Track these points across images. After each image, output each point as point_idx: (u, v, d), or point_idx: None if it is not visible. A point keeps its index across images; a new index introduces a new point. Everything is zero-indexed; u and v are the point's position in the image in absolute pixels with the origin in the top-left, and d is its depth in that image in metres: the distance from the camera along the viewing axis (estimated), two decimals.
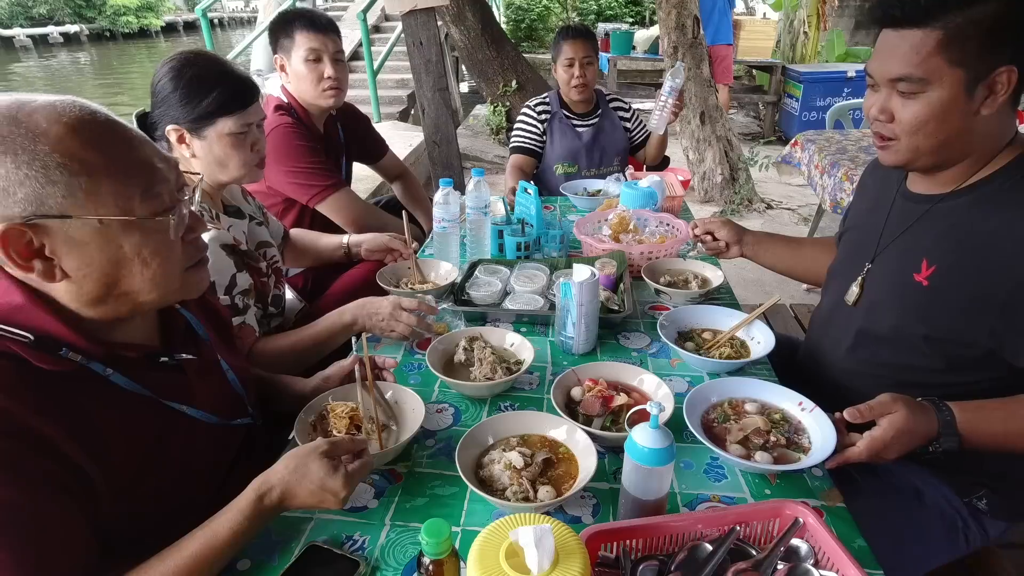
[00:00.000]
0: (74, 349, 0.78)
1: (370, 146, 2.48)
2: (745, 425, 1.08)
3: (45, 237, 0.73)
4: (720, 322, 1.45)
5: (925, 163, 1.08)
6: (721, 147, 4.76)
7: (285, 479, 0.86)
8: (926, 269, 1.08)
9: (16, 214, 0.71)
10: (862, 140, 3.22)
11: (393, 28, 8.13)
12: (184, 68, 1.33)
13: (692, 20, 4.49)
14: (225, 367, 1.05)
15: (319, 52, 2.03)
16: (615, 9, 12.19)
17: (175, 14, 27.74)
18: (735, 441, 1.05)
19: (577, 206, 2.37)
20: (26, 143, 0.70)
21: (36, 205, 0.71)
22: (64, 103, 0.75)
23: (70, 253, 0.75)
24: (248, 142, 1.41)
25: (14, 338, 0.74)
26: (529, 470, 0.98)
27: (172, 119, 1.34)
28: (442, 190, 1.74)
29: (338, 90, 2.09)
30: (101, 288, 0.79)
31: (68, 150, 0.72)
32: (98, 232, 0.75)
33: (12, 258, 0.73)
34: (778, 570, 0.78)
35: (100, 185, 0.74)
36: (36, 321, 0.76)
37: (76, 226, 0.74)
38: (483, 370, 1.24)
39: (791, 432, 1.09)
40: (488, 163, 5.97)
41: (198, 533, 0.81)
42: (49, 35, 22.56)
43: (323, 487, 0.86)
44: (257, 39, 7.37)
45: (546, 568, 0.65)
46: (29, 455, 0.71)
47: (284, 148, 1.99)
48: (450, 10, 5.98)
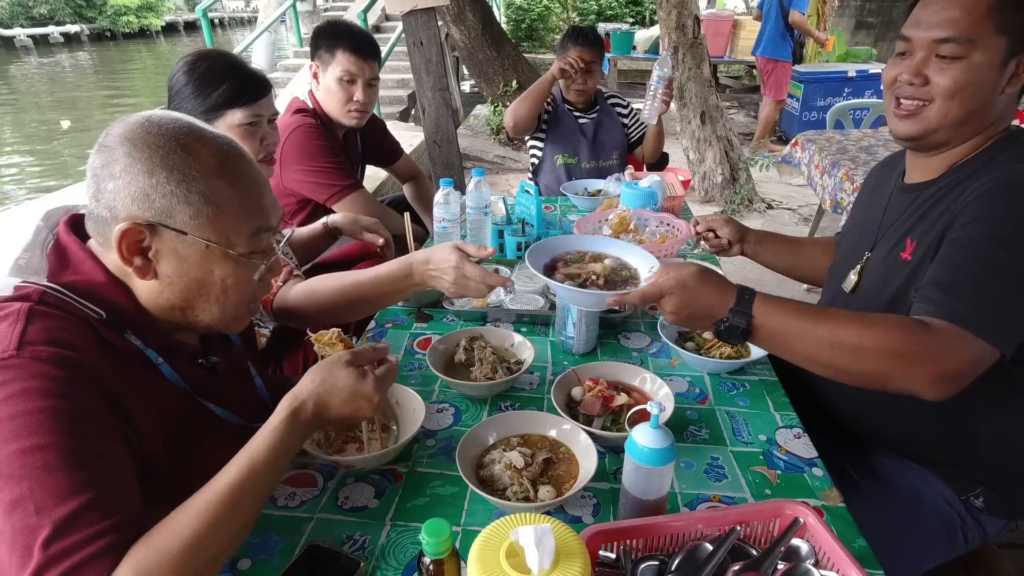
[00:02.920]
0: (136, 333, 0.84)
1: (386, 150, 2.51)
2: (587, 270, 1.15)
3: (156, 241, 0.81)
4: None
5: (941, 137, 1.08)
6: (721, 147, 4.76)
7: (315, 392, 0.86)
8: (909, 246, 1.11)
9: (145, 217, 0.80)
10: (862, 140, 3.22)
11: (393, 28, 8.13)
12: (198, 62, 1.38)
13: (692, 20, 4.49)
14: (253, 372, 1.09)
15: (355, 76, 2.05)
16: (615, 9, 12.20)
17: (175, 14, 27.69)
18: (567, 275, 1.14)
19: (577, 206, 2.37)
20: (184, 166, 0.80)
21: (165, 215, 0.80)
22: (223, 140, 0.86)
23: (169, 261, 0.83)
24: (258, 135, 1.44)
25: (89, 311, 0.79)
26: (529, 470, 0.98)
27: (185, 111, 1.35)
28: (442, 190, 1.74)
29: (363, 113, 2.12)
30: (178, 298, 0.85)
31: (212, 182, 0.82)
32: (201, 253, 0.83)
33: (121, 249, 0.80)
34: (778, 570, 0.78)
35: (222, 217, 0.83)
36: (111, 300, 0.82)
37: (186, 242, 0.82)
38: (483, 370, 1.24)
39: (623, 282, 1.14)
40: (488, 163, 5.97)
41: (236, 460, 0.79)
42: (50, 35, 22.53)
43: (355, 393, 0.88)
44: (258, 39, 7.37)
45: (546, 568, 0.65)
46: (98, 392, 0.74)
47: (305, 147, 2.02)
48: (450, 10, 5.99)
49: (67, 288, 0.79)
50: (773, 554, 0.79)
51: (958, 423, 1.11)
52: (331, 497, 1.00)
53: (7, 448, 0.66)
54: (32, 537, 0.64)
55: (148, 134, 0.80)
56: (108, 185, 0.79)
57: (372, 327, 1.53)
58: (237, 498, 0.75)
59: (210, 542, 0.71)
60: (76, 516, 0.65)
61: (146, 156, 0.79)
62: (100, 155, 0.80)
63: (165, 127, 0.81)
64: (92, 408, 0.73)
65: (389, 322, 1.54)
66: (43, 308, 0.76)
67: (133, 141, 0.79)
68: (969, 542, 1.17)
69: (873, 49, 7.61)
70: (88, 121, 10.81)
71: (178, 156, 0.80)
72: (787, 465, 1.07)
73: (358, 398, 0.88)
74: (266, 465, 0.79)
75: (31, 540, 0.64)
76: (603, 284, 1.14)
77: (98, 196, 0.81)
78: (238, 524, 0.76)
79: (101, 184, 0.80)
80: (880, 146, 3.09)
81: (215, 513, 0.72)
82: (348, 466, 1.04)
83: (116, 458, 0.74)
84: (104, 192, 0.80)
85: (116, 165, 0.79)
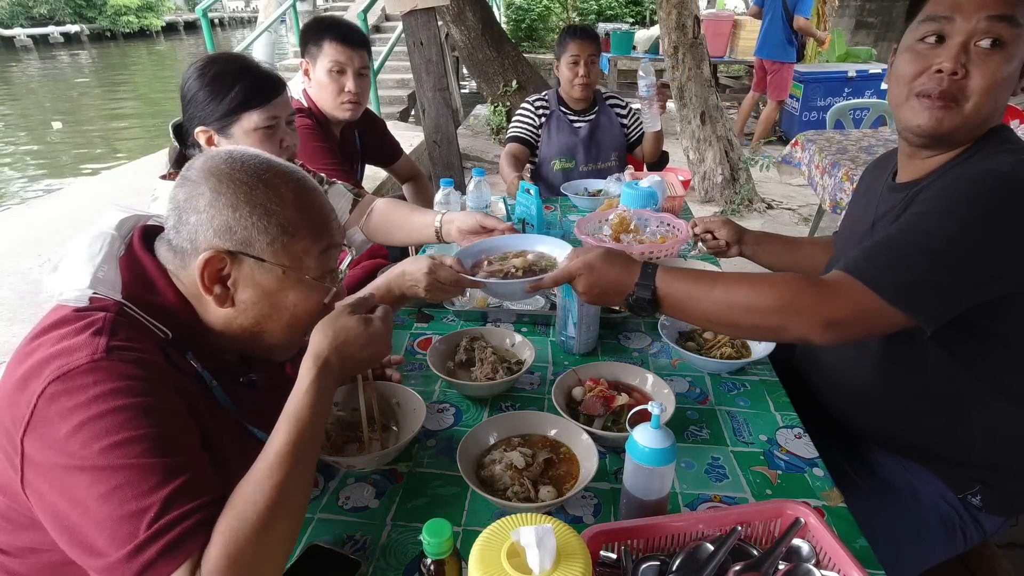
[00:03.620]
0: (196, 356, 0.86)
1: (386, 150, 2.51)
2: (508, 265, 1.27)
3: (236, 269, 0.84)
4: None
5: (962, 135, 1.05)
6: (721, 147, 4.76)
7: (332, 344, 0.88)
8: None
9: (227, 247, 0.83)
10: (862, 140, 3.22)
11: (393, 28, 8.13)
12: (208, 66, 1.35)
13: (692, 20, 4.49)
14: None
15: (344, 65, 2.03)
16: (615, 9, 12.20)
17: (175, 14, 27.69)
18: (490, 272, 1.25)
19: (577, 206, 2.37)
20: (265, 200, 0.84)
21: (245, 245, 0.83)
22: (297, 174, 0.89)
23: (247, 288, 0.86)
24: (277, 138, 1.40)
25: (157, 331, 0.82)
26: (530, 470, 0.98)
27: (199, 121, 1.35)
28: (443, 190, 1.74)
29: (356, 104, 2.10)
30: (251, 323, 0.88)
31: (288, 213, 0.85)
32: (276, 278, 0.86)
33: (203, 278, 0.82)
34: (779, 570, 0.78)
35: (295, 243, 0.86)
36: (181, 322, 0.85)
37: (264, 269, 0.85)
38: (484, 370, 1.24)
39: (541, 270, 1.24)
40: (488, 163, 5.97)
41: (281, 426, 0.81)
42: (50, 35, 22.53)
43: (371, 336, 0.91)
44: (258, 39, 7.36)
45: (547, 568, 0.65)
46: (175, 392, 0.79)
47: (302, 148, 2.00)
48: (450, 10, 5.98)
49: (139, 306, 0.82)
50: (774, 554, 0.79)
51: (953, 420, 1.11)
52: (331, 497, 1.00)
53: (100, 443, 0.70)
54: (135, 519, 0.68)
55: (232, 170, 0.83)
56: (191, 218, 0.82)
57: None
58: (295, 456, 0.78)
59: (282, 504, 0.74)
60: (174, 497, 0.69)
61: (231, 191, 0.82)
62: (184, 188, 0.84)
63: (247, 163, 0.85)
64: (174, 405, 0.78)
65: None
66: (123, 320, 0.79)
67: (218, 176, 0.83)
68: (968, 540, 1.18)
69: (873, 49, 7.61)
70: (87, 121, 10.81)
71: (260, 191, 0.84)
72: (788, 465, 1.07)
73: (375, 340, 0.91)
74: (311, 422, 0.82)
75: (135, 521, 0.68)
76: (522, 275, 1.22)
77: (179, 228, 0.84)
78: (302, 483, 0.78)
79: (184, 216, 0.83)
80: (880, 146, 3.09)
81: (280, 475, 0.75)
82: (349, 466, 1.04)
83: (198, 447, 0.78)
84: (186, 224, 0.83)
85: (201, 199, 0.82)
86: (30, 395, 0.72)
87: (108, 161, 7.74)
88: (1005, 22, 0.96)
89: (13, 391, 0.74)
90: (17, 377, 0.75)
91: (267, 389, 1.01)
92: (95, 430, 0.70)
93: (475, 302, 1.54)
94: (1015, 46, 0.97)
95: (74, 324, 0.77)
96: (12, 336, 2.76)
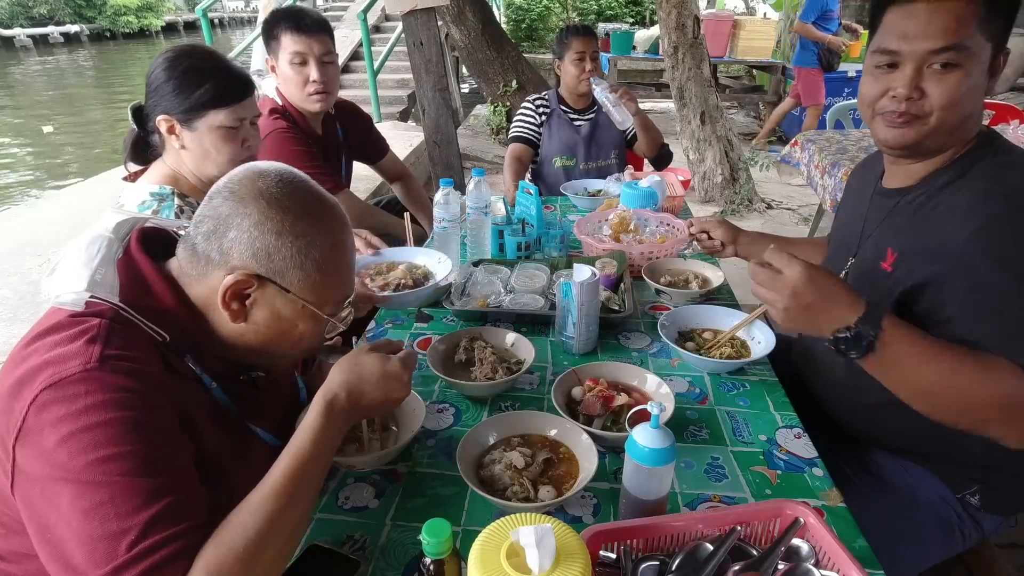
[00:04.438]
0: (194, 358, 0.86)
1: (371, 146, 2.46)
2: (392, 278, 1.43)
3: (259, 292, 0.84)
4: (720, 322, 1.45)
5: (934, 144, 1.06)
6: (721, 147, 4.76)
7: (346, 381, 0.90)
8: (890, 256, 1.09)
9: (258, 270, 0.83)
10: (862, 140, 3.22)
11: (393, 28, 8.13)
12: (179, 59, 1.34)
13: (692, 20, 4.49)
14: (300, 384, 1.12)
15: (304, 55, 1.98)
16: (615, 9, 12.20)
17: (175, 14, 27.69)
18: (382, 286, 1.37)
19: (577, 206, 2.37)
20: (308, 234, 0.84)
21: (278, 275, 0.84)
22: (339, 211, 0.90)
23: (263, 310, 0.86)
24: (239, 137, 1.41)
25: (155, 334, 0.82)
26: (530, 470, 0.98)
27: (163, 109, 1.34)
28: (442, 190, 1.74)
29: (325, 94, 2.04)
30: (259, 342, 0.89)
31: (327, 253, 0.86)
32: (295, 310, 0.87)
33: (225, 294, 0.82)
34: (779, 570, 0.78)
35: (325, 283, 0.87)
36: (178, 325, 0.84)
37: (286, 299, 0.86)
38: (484, 370, 1.24)
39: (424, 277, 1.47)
40: (488, 163, 5.97)
41: (284, 457, 0.81)
42: (49, 35, 22.53)
43: (385, 375, 0.92)
44: (257, 39, 7.37)
45: (547, 568, 0.65)
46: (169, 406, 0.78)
47: (280, 153, 1.96)
48: (450, 10, 5.98)
49: (137, 309, 0.81)
50: (773, 554, 0.79)
51: None
52: (331, 497, 1.00)
53: (87, 457, 0.69)
54: (115, 540, 0.66)
55: (283, 195, 0.84)
56: (231, 233, 0.82)
57: (372, 327, 1.53)
58: (291, 491, 0.78)
59: (272, 536, 0.74)
60: (156, 520, 0.68)
61: (279, 218, 0.82)
62: (230, 203, 0.83)
63: (297, 191, 0.85)
64: (166, 420, 0.77)
65: (389, 322, 1.54)
66: (118, 326, 0.78)
67: (268, 200, 0.83)
68: (967, 540, 1.18)
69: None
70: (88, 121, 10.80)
71: (304, 223, 0.84)
72: (787, 465, 1.07)
73: (388, 379, 0.92)
74: (313, 457, 0.82)
75: (114, 542, 0.66)
76: (413, 285, 1.36)
77: (212, 237, 0.83)
78: (296, 516, 0.78)
79: (222, 229, 0.83)
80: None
81: (274, 507, 0.75)
82: (348, 466, 1.04)
83: (187, 467, 0.77)
84: (223, 237, 0.83)
85: (247, 219, 0.82)
86: (23, 402, 0.71)
87: (108, 161, 7.74)
88: (949, 52, 0.98)
89: (7, 397, 0.74)
90: (11, 383, 0.74)
91: (269, 387, 1.02)
92: (83, 442, 0.69)
93: (475, 302, 1.54)
94: (970, 63, 0.98)
95: (69, 330, 0.76)
96: (12, 336, 2.76)
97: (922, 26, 0.99)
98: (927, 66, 1.00)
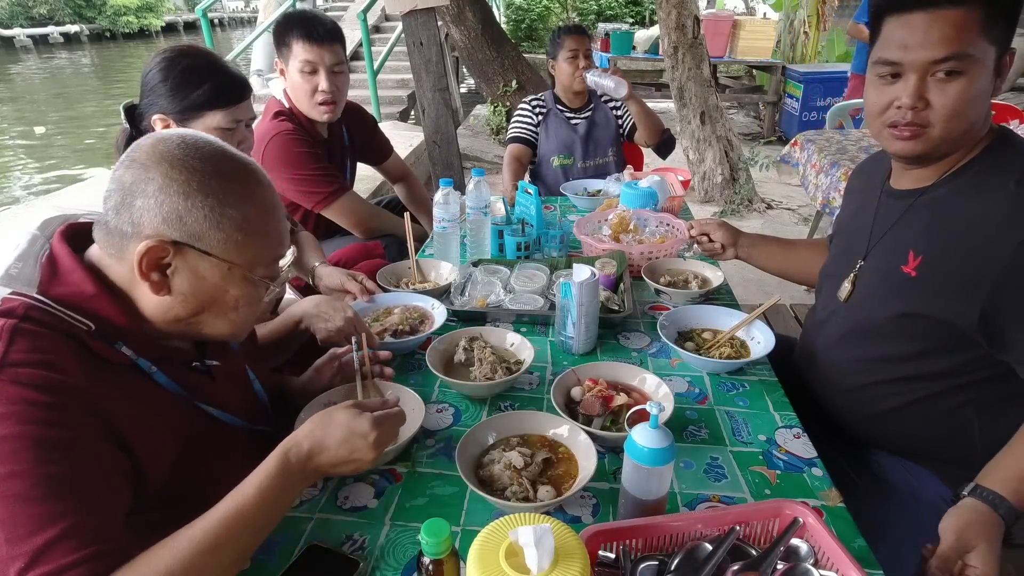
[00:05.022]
0: (128, 344, 0.83)
1: (375, 148, 2.47)
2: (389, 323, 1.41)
3: (178, 259, 0.81)
4: (720, 322, 1.45)
5: (942, 151, 1.06)
6: (721, 147, 4.76)
7: (311, 431, 0.85)
8: (913, 260, 1.08)
9: (173, 236, 0.80)
10: (862, 140, 3.22)
11: (393, 28, 8.12)
12: (178, 59, 1.34)
13: (692, 20, 4.49)
14: (252, 376, 1.09)
15: (314, 64, 1.96)
16: (615, 9, 12.19)
17: (175, 14, 27.68)
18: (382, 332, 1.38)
19: (577, 206, 2.37)
20: (220, 192, 0.81)
21: (194, 238, 0.81)
22: (254, 168, 0.88)
23: (186, 278, 0.83)
24: (235, 139, 1.40)
25: (78, 324, 0.78)
26: (529, 470, 0.98)
27: (159, 108, 1.34)
28: (442, 190, 1.74)
29: (332, 104, 2.02)
30: (187, 312, 0.86)
31: (245, 211, 0.83)
32: (222, 274, 0.84)
33: (141, 265, 0.79)
34: (778, 570, 0.78)
35: (250, 244, 0.85)
36: (102, 312, 0.81)
37: (209, 263, 0.83)
38: (483, 370, 1.24)
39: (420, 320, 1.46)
40: (488, 163, 5.97)
41: (227, 497, 0.79)
42: (49, 35, 22.52)
43: (351, 431, 0.85)
44: (257, 39, 7.36)
45: (546, 568, 0.65)
46: (86, 415, 0.74)
47: (285, 156, 1.97)
48: (450, 10, 5.98)
49: (56, 301, 0.78)
50: (772, 554, 0.79)
51: (953, 421, 1.11)
52: (331, 497, 1.00)
53: None
54: (6, 564, 0.63)
55: (187, 157, 0.80)
56: (137, 201, 0.79)
57: None
58: (221, 537, 0.74)
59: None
60: (49, 546, 0.65)
61: (184, 179, 0.79)
62: (131, 171, 0.80)
63: (203, 151, 0.82)
64: (76, 434, 0.72)
65: None
66: (28, 326, 0.74)
67: (171, 162, 0.79)
68: None
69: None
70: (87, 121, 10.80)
71: (215, 182, 0.81)
72: (787, 465, 1.07)
73: (354, 436, 0.85)
74: (254, 506, 0.77)
75: (5, 567, 0.63)
76: (410, 330, 1.41)
77: (121, 210, 0.80)
78: (222, 564, 0.74)
79: (128, 199, 0.79)
80: (878, 146, 3.08)
81: (197, 550, 0.71)
82: None
83: (99, 486, 0.72)
84: (130, 207, 0.79)
85: (150, 184, 0.79)
86: None
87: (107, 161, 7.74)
88: (952, 61, 0.98)
89: None
90: None
91: (225, 377, 1.00)
92: None
93: (475, 302, 1.54)
94: (975, 69, 0.98)
95: None
96: None
97: (921, 36, 0.99)
98: (931, 75, 1.00)
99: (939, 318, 1.06)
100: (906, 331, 1.12)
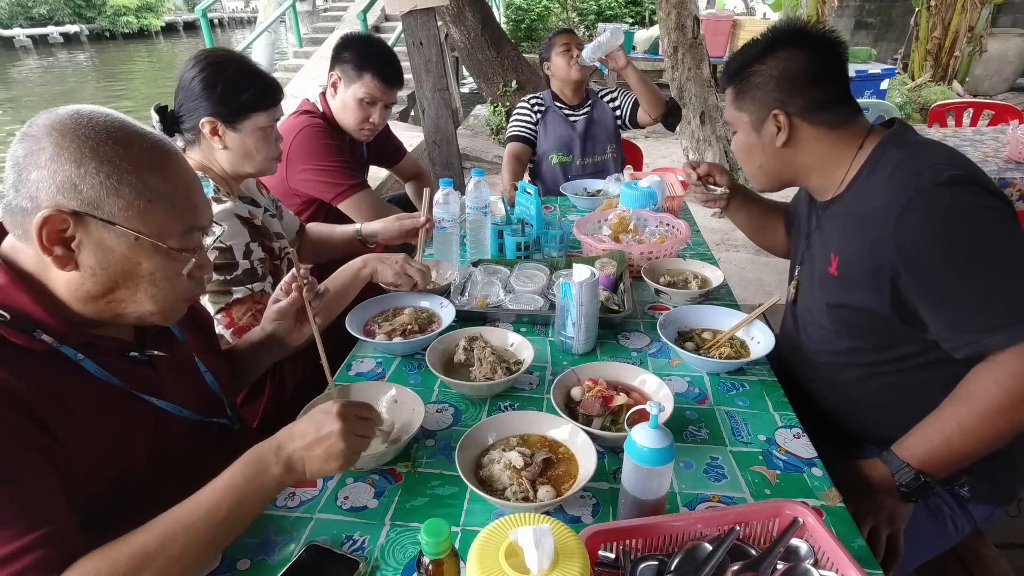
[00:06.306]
0: (47, 331, 0.81)
1: (390, 152, 2.52)
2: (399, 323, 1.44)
3: (81, 231, 0.79)
4: (720, 322, 1.45)
5: (767, 185, 1.31)
6: (721, 147, 4.76)
7: (289, 428, 0.88)
8: (833, 261, 1.21)
9: (71, 206, 0.78)
10: None
11: (393, 28, 8.13)
12: (223, 64, 1.43)
13: (692, 20, 4.49)
14: (203, 368, 1.08)
15: (377, 100, 2.05)
16: (615, 9, 12.18)
17: (175, 14, 27.67)
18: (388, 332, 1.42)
19: (577, 206, 2.37)
20: (115, 158, 0.79)
21: (93, 206, 0.78)
22: (155, 136, 0.85)
23: (93, 251, 0.80)
24: (274, 135, 1.51)
25: None
26: (529, 470, 0.98)
27: (207, 112, 1.42)
28: (442, 190, 1.74)
29: (375, 132, 2.15)
30: (100, 289, 0.83)
31: (145, 176, 0.81)
32: (129, 245, 0.82)
33: (40, 238, 0.77)
34: (778, 570, 0.78)
35: (155, 211, 0.82)
36: (13, 301, 0.79)
37: (114, 233, 0.80)
38: (483, 370, 1.24)
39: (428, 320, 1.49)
40: (488, 163, 5.97)
41: (195, 495, 0.80)
42: (49, 35, 22.53)
43: (316, 410, 0.89)
44: (257, 39, 7.37)
45: (546, 568, 0.65)
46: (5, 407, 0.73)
47: (311, 146, 2.02)
48: (450, 10, 5.98)
49: None
50: (772, 554, 0.79)
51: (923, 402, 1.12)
52: (330, 497, 1.00)
53: None
54: None
55: (78, 125, 0.78)
56: (31, 175, 0.77)
57: None
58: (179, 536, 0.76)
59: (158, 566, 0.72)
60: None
61: (75, 146, 0.77)
62: (23, 144, 0.78)
63: (96, 120, 0.80)
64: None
65: None
66: None
67: (61, 131, 0.77)
68: (960, 532, 1.20)
69: (873, 49, 7.61)
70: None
71: (109, 148, 0.79)
72: (786, 465, 1.07)
73: (317, 412, 0.88)
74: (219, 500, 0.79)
75: None
76: (419, 329, 1.43)
77: (18, 186, 0.78)
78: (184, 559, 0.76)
79: (23, 174, 0.78)
80: None
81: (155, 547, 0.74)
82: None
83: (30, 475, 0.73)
84: (26, 182, 0.77)
85: (42, 154, 0.77)
86: None
87: None
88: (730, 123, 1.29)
89: None
90: None
91: (170, 368, 0.99)
92: None
93: (475, 302, 1.54)
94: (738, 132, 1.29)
95: None
96: None
97: None
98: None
99: (865, 309, 1.15)
100: (845, 326, 1.22)
